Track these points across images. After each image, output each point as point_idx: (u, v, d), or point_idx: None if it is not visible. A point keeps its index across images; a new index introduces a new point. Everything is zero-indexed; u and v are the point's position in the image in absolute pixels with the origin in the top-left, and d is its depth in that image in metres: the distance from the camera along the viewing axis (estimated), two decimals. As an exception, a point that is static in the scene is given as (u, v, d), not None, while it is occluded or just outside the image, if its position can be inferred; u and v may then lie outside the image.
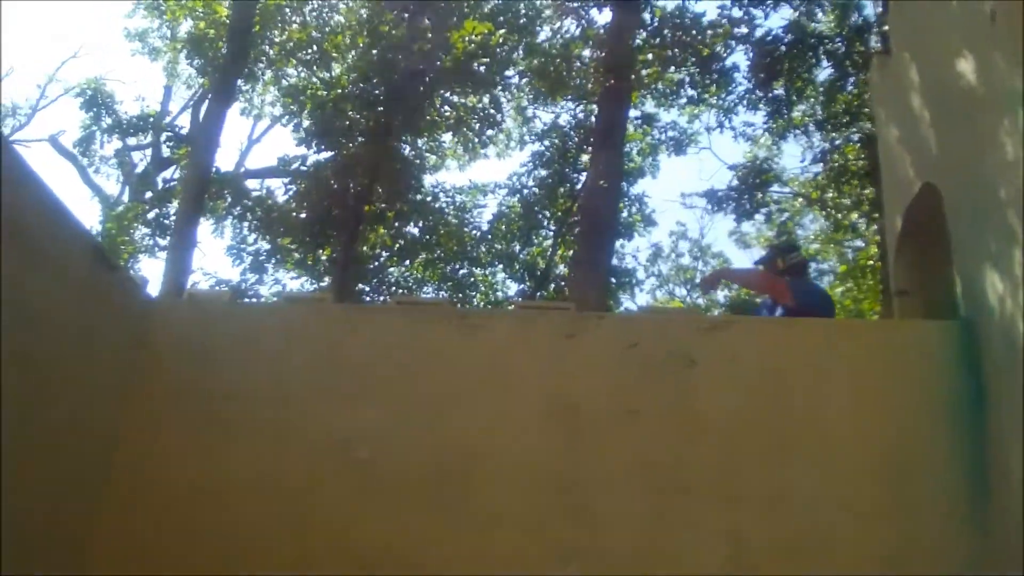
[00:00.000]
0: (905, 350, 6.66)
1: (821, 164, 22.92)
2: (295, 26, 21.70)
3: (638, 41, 20.81)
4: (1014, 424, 5.78)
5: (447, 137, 24.14)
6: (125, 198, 28.06)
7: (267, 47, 21.55)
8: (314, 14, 22.18)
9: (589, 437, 6.32)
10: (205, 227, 21.51)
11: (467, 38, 19.45)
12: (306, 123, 20.00)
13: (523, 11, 22.46)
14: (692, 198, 29.82)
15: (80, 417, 5.52)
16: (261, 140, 28.32)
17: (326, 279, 20.97)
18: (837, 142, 22.18)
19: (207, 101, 26.80)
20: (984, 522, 5.97)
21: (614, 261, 22.92)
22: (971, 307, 6.83)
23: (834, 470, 6.19)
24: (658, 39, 21.28)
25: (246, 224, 22.16)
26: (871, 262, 22.96)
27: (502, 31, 20.95)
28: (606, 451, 6.27)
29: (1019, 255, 5.91)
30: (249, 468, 6.14)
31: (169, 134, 26.28)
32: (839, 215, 24.57)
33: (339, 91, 19.69)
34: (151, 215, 23.56)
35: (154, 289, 10.93)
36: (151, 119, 26.11)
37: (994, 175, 6.36)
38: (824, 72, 21.41)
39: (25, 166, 4.66)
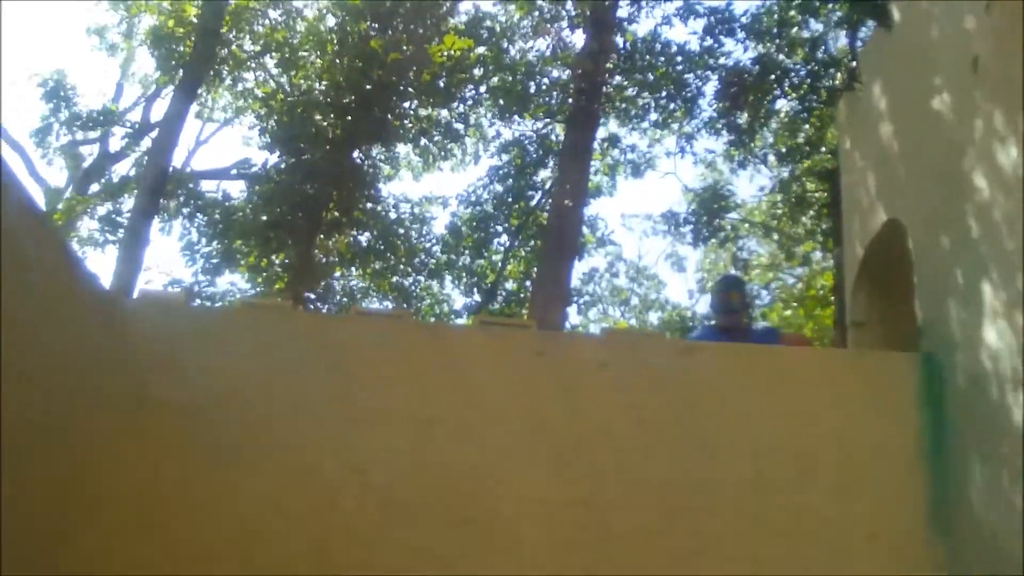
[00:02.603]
0: (871, 380, 6.78)
1: (779, 193, 23.16)
2: (263, 28, 21.59)
3: (609, 64, 20.95)
4: (978, 457, 5.91)
5: (403, 148, 24.08)
6: (70, 192, 27.73)
7: (234, 48, 21.37)
8: (283, 17, 22.06)
9: (567, 455, 6.35)
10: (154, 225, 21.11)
11: (446, 52, 19.44)
12: (271, 127, 19.88)
13: (497, 27, 22.51)
14: (632, 220, 30.22)
15: (56, 421, 5.13)
16: (208, 141, 28.00)
17: (276, 285, 20.80)
18: (796, 172, 22.41)
19: (160, 99, 26.70)
20: (946, 553, 6.08)
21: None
22: (934, 341, 6.96)
23: (809, 496, 6.31)
24: (630, 63, 21.41)
25: (195, 225, 21.97)
26: (820, 291, 23.21)
27: (482, 48, 20.97)
28: (583, 471, 6.31)
29: (989, 292, 6.04)
30: (214, 480, 6.01)
31: (128, 129, 26.02)
32: (790, 245, 24.81)
33: (308, 97, 19.61)
34: (102, 209, 23.23)
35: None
36: (111, 114, 25.80)
37: (967, 214, 6.49)
38: (787, 105, 21.67)
39: (7, 169, 4.51)
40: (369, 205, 22.17)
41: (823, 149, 20.64)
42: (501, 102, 22.11)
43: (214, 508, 5.94)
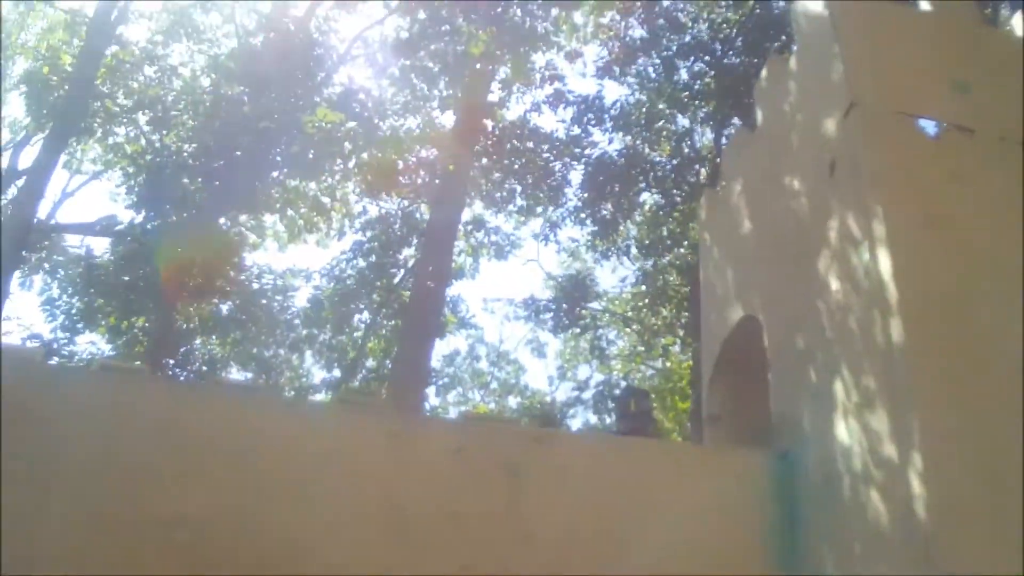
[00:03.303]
0: (724, 475, 6.86)
1: (641, 286, 23.45)
2: (138, 84, 21.29)
3: (477, 147, 21.15)
4: (831, 554, 6.01)
5: (269, 218, 23.82)
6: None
7: (107, 101, 20.99)
8: (158, 75, 21.80)
9: (414, 536, 6.28)
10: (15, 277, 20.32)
11: (317, 124, 19.40)
12: (138, 187, 19.53)
13: (369, 103, 22.50)
14: (494, 303, 30.32)
15: None
16: (75, 194, 27.14)
17: (135, 348, 20.29)
18: (658, 265, 22.72)
19: (30, 146, 25.91)
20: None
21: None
22: (787, 438, 7.08)
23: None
24: (498, 147, 21.64)
25: (56, 280, 21.36)
26: (680, 383, 23.49)
27: (352, 123, 20.94)
28: (430, 551, 6.24)
29: (841, 391, 6.20)
30: (62, 539, 5.81)
31: (-8, 176, 25.22)
32: (650, 336, 25.10)
33: (175, 159, 19.36)
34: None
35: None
36: (-23, 158, 24.98)
37: (821, 314, 6.67)
38: (651, 198, 22.04)
39: None
40: (232, 273, 21.84)
41: (685, 243, 20.97)
42: (369, 178, 22.09)
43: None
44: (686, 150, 21.20)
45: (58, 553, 5.76)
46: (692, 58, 20.67)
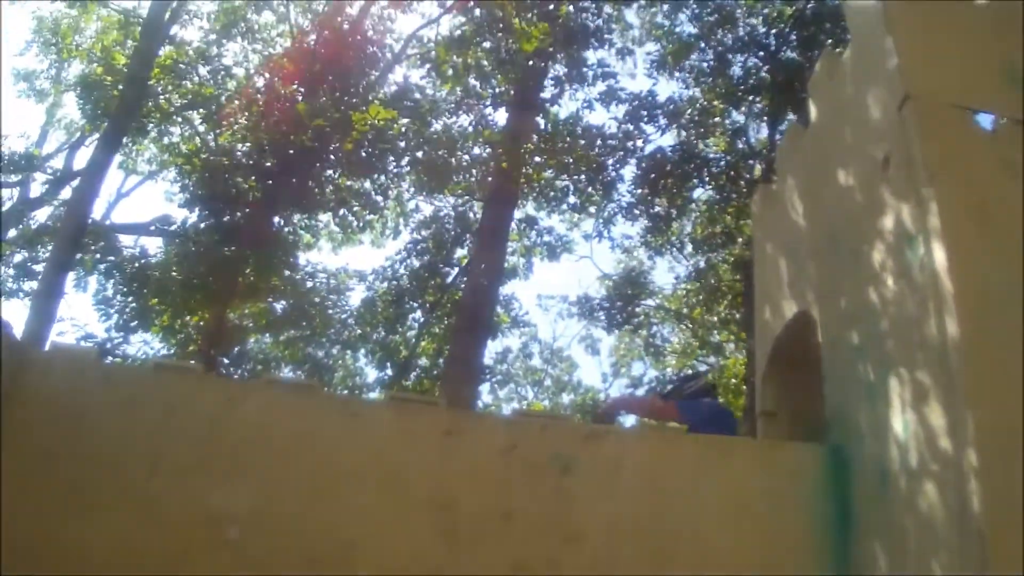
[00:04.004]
0: (776, 470, 6.81)
1: (696, 282, 23.39)
2: (192, 84, 21.49)
3: (530, 145, 21.14)
4: (884, 550, 5.94)
5: (323, 217, 23.91)
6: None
7: (161, 101, 21.19)
8: (212, 75, 21.98)
9: (466, 535, 6.28)
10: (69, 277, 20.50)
11: (369, 122, 19.45)
12: (192, 186, 19.66)
13: (423, 102, 22.53)
14: (548, 301, 30.41)
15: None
16: (130, 194, 27.44)
17: (189, 347, 20.45)
18: (712, 262, 22.66)
19: (85, 147, 26.25)
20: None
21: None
22: (840, 434, 7.02)
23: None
24: (550, 145, 21.58)
25: (112, 280, 21.55)
26: (733, 380, 23.41)
27: (405, 120, 20.98)
28: (482, 550, 6.23)
29: (896, 387, 6.12)
30: (114, 538, 5.85)
31: (49, 176, 25.58)
32: (704, 333, 25.04)
33: (229, 160, 19.46)
34: (17, 257, 22.75)
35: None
36: (33, 159, 25.35)
37: (875, 309, 6.59)
38: (706, 194, 21.96)
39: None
40: (287, 272, 21.98)
41: (740, 239, 20.87)
42: (424, 176, 22.14)
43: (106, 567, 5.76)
44: (741, 145, 21.11)
45: (108, 550, 5.82)
46: (746, 53, 20.58)
